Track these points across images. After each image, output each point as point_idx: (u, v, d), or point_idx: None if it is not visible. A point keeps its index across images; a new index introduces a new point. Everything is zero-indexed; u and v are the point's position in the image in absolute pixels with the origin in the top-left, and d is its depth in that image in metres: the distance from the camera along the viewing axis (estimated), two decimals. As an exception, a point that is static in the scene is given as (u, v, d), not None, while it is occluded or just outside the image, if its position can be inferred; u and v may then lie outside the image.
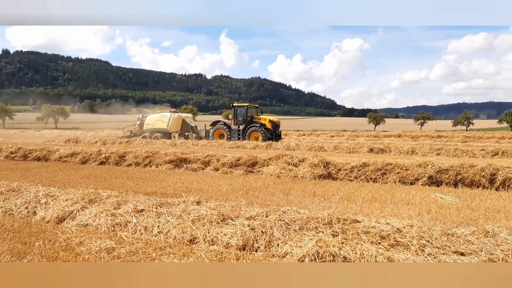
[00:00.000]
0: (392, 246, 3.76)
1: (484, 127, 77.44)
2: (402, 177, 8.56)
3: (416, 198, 6.91)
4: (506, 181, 7.79)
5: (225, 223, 4.44)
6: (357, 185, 8.39)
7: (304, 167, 9.75)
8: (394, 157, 12.70)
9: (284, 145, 19.98)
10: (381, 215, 5.39)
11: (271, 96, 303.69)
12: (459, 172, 8.15)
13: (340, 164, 9.53)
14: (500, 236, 4.03)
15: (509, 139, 30.05)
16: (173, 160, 11.36)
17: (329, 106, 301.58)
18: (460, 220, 5.39)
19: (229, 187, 8.07)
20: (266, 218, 4.45)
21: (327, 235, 3.85)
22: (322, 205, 6.33)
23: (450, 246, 3.77)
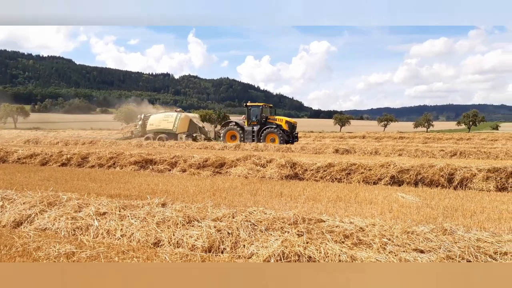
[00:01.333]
0: (355, 245, 3.84)
1: (444, 128, 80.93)
2: (366, 177, 8.78)
3: (378, 198, 7.11)
4: (463, 180, 8.15)
5: (191, 225, 4.39)
6: (323, 185, 8.54)
7: (272, 167, 9.82)
8: (359, 158, 13.03)
9: (252, 146, 20.03)
10: (345, 215, 5.51)
11: (240, 97, 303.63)
12: (419, 172, 8.46)
13: (307, 165, 9.66)
14: (457, 233, 4.22)
15: (467, 140, 31.59)
16: (139, 161, 11.11)
17: (297, 108, 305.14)
18: (420, 218, 5.59)
19: (196, 188, 7.99)
20: (232, 219, 4.44)
21: (292, 235, 3.88)
22: (289, 205, 6.39)
23: (410, 243, 3.90)
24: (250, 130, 23.53)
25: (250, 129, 23.58)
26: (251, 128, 23.59)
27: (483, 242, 4.02)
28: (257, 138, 23.19)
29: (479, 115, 74.86)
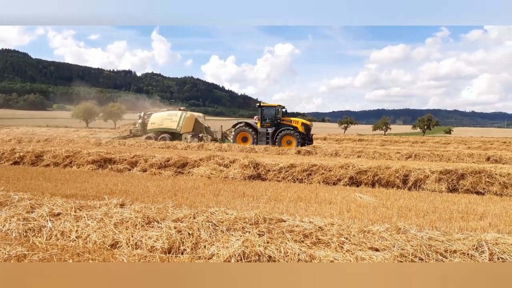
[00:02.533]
0: (314, 244, 3.93)
1: (400, 132, 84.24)
2: (326, 177, 8.99)
3: (338, 198, 7.31)
4: (417, 181, 8.54)
5: (150, 226, 4.31)
6: (285, 185, 8.65)
7: (235, 168, 9.82)
8: (320, 159, 13.31)
9: (216, 146, 19.94)
10: (305, 214, 5.61)
11: (204, 97, 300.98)
12: (376, 173, 8.78)
13: (269, 165, 9.76)
14: (410, 232, 4.41)
15: (422, 143, 33.11)
16: (97, 160, 10.75)
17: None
18: (376, 218, 5.80)
19: (157, 188, 7.85)
20: (193, 219, 4.40)
21: (253, 235, 3.91)
22: (251, 205, 6.43)
23: (366, 242, 4.03)
24: (264, 132, 22.16)
25: (264, 131, 22.20)
26: (265, 130, 22.23)
27: (435, 241, 4.22)
28: (271, 140, 21.87)
29: (434, 119, 78.66)
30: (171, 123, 24.68)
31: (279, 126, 22.30)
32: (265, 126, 22.39)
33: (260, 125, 22.48)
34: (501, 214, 6.24)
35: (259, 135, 22.11)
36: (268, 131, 22.12)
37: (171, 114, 25.32)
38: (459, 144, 31.87)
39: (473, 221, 5.77)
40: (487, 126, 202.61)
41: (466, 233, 4.62)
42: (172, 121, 24.71)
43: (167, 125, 24.71)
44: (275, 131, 22.00)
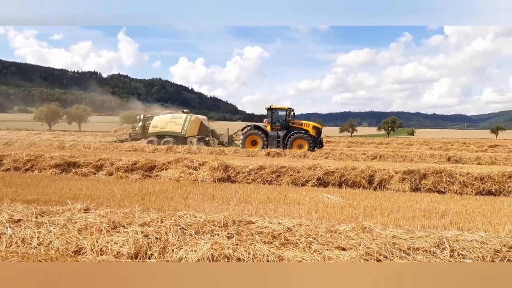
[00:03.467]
0: (283, 245, 3.97)
1: (366, 133, 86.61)
2: (295, 179, 9.10)
3: (306, 199, 7.41)
4: (382, 181, 8.79)
5: (116, 231, 4.20)
6: (254, 187, 8.68)
7: (204, 170, 9.76)
8: (289, 161, 13.44)
9: (185, 149, 19.73)
10: (274, 216, 5.66)
11: (173, 99, 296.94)
12: (343, 174, 8.97)
13: (239, 167, 9.76)
14: (375, 231, 4.53)
15: (386, 145, 34.13)
16: (60, 164, 10.38)
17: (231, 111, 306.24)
18: (343, 217, 5.93)
19: (124, 192, 7.67)
20: (161, 223, 4.33)
21: (222, 238, 3.90)
22: (220, 208, 6.41)
23: (333, 242, 4.11)
24: (275, 135, 21.57)
25: (275, 134, 21.62)
26: (275, 133, 21.68)
27: (398, 239, 4.36)
28: (282, 143, 21.34)
29: (397, 121, 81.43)
30: (175, 126, 23.65)
31: (290, 129, 21.80)
32: (275, 129, 21.88)
33: (270, 128, 21.95)
34: (461, 212, 6.53)
35: (270, 139, 21.53)
36: (279, 134, 21.55)
37: (175, 117, 24.24)
38: (422, 145, 33.12)
39: (435, 219, 6.01)
40: (448, 128, 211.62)
41: (428, 231, 4.80)
42: (176, 124, 23.69)
43: (171, 128, 23.70)
44: (286, 134, 21.49)
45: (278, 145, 21.25)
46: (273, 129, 21.83)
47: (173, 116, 24.36)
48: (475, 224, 5.68)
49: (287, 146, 20.97)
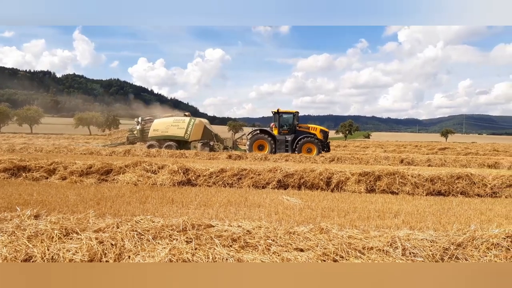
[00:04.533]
0: (242, 248, 3.98)
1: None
2: (255, 181, 9.16)
3: (266, 201, 7.47)
4: (339, 183, 9.04)
5: (68, 238, 4.03)
6: (215, 190, 8.64)
7: (164, 174, 9.59)
8: (250, 163, 13.51)
9: (144, 152, 19.26)
10: (235, 218, 5.67)
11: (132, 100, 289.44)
12: (302, 176, 9.14)
13: (199, 171, 9.68)
14: (332, 232, 4.65)
15: (343, 147, 35.12)
16: (9, 168, 9.80)
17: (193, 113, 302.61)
18: (301, 219, 6.04)
19: (78, 197, 7.38)
20: (117, 229, 4.21)
21: (180, 242, 3.85)
22: (180, 212, 6.33)
23: (291, 243, 4.18)
24: (283, 140, 21.25)
25: (283, 138, 21.31)
26: (283, 137, 21.35)
27: (354, 239, 4.50)
28: (291, 148, 21.06)
29: (354, 125, 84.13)
30: (177, 130, 22.68)
31: (297, 133, 21.56)
32: (282, 133, 21.57)
33: (278, 132, 21.57)
34: (413, 212, 6.85)
35: (278, 143, 21.20)
36: (287, 138, 21.28)
37: (178, 120, 23.22)
38: (377, 148, 34.39)
39: (388, 219, 6.26)
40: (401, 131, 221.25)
41: (381, 231, 5.00)
42: (179, 128, 22.71)
43: (173, 132, 22.69)
44: (294, 139, 21.24)
45: (287, 149, 21.05)
46: (280, 133, 21.55)
47: (176, 119, 23.34)
48: (425, 224, 5.98)
49: (296, 151, 20.80)
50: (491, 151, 32.34)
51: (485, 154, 28.66)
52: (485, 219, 6.36)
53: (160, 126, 22.96)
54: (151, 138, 22.86)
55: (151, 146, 22.05)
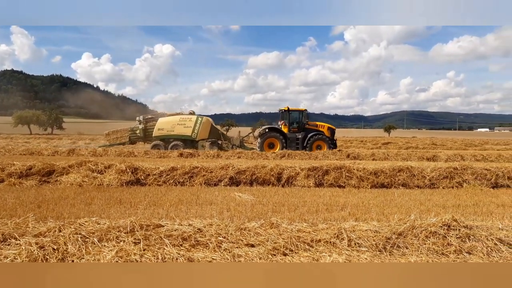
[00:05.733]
0: (193, 246, 3.95)
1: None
2: (207, 179, 9.10)
3: (218, 198, 7.46)
4: (289, 178, 9.23)
5: (6, 243, 3.78)
6: (165, 189, 8.47)
7: (111, 174, 9.25)
8: (202, 161, 13.39)
9: (89, 151, 18.43)
10: (186, 217, 5.60)
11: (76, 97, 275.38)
12: (254, 173, 9.22)
13: (149, 169, 9.45)
14: (282, 226, 4.75)
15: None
16: None
17: (141, 111, 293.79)
18: (253, 215, 6.10)
19: (17, 200, 6.92)
20: (59, 233, 4.01)
21: (128, 244, 3.75)
22: (128, 213, 6.15)
23: (243, 239, 4.22)
24: (294, 137, 21.21)
25: (294, 136, 21.26)
26: (294, 135, 21.31)
27: (303, 232, 4.63)
28: (301, 145, 21.02)
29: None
30: (184, 129, 21.70)
31: (306, 130, 21.62)
32: (292, 131, 21.56)
33: (288, 130, 21.57)
34: (358, 204, 7.16)
35: (289, 141, 21.18)
36: (297, 136, 21.30)
37: (184, 118, 22.17)
38: (326, 144, 35.35)
39: (336, 212, 6.50)
40: (348, 127, 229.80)
41: (329, 223, 5.19)
42: (186, 126, 21.73)
43: (180, 131, 21.70)
44: (304, 136, 21.28)
45: (297, 147, 21.07)
46: (290, 131, 21.60)
47: (182, 118, 22.30)
48: (370, 215, 6.27)
49: (307, 148, 20.84)
50: (430, 145, 34.53)
51: (424, 148, 30.52)
52: (424, 209, 6.79)
53: (166, 125, 21.95)
54: (156, 138, 21.90)
55: (156, 146, 21.25)
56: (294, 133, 21.47)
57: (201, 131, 21.78)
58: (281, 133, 21.30)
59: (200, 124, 21.83)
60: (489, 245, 4.36)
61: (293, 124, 21.80)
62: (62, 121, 65.98)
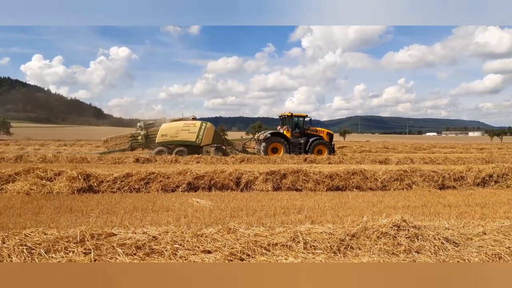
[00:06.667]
0: (148, 255, 3.86)
1: (236, 138, 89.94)
2: (164, 185, 8.93)
3: (175, 205, 7.34)
4: (248, 183, 9.26)
5: None
6: (120, 196, 8.21)
7: (61, 181, 8.83)
8: (159, 166, 13.11)
9: (38, 157, 17.48)
10: (141, 225, 5.46)
11: (25, 101, 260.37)
12: (212, 178, 9.17)
13: (102, 176, 9.11)
14: (239, 231, 4.75)
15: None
16: None
17: (96, 115, 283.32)
18: (211, 221, 6.05)
19: (-46, 212, 6.43)
20: (3, 244, 3.77)
21: (77, 255, 3.59)
22: (79, 221, 5.89)
23: (199, 246, 4.17)
24: (297, 142, 21.96)
25: (297, 141, 21.99)
26: (297, 140, 22.03)
27: (260, 236, 4.65)
28: (304, 150, 21.76)
29: (263, 126, 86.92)
30: (188, 134, 21.45)
31: (308, 136, 22.48)
32: (295, 136, 22.29)
33: (291, 135, 22.25)
34: (314, 207, 7.31)
35: (292, 146, 21.83)
36: (300, 141, 22.06)
37: (188, 124, 21.90)
38: (285, 148, 35.82)
39: (293, 215, 6.60)
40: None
41: (286, 226, 5.25)
42: (190, 132, 21.51)
43: (184, 137, 21.41)
44: (306, 141, 22.11)
45: (300, 151, 21.78)
46: (293, 136, 22.31)
47: (186, 123, 22.04)
48: (325, 217, 6.42)
49: (309, 152, 21.55)
50: (382, 148, 35.99)
51: (377, 151, 31.77)
52: (376, 211, 7.05)
53: (169, 130, 21.61)
54: (159, 144, 21.46)
55: (160, 152, 20.76)
56: (296, 138, 22.27)
57: (205, 136, 21.86)
58: (285, 138, 22.04)
59: (204, 129, 21.90)
60: (436, 244, 4.60)
61: (296, 129, 22.64)
62: (10, 125, 62.24)
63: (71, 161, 16.87)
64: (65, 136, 67.90)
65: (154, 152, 20.88)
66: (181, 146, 21.35)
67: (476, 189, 9.96)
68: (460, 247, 4.58)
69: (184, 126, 21.91)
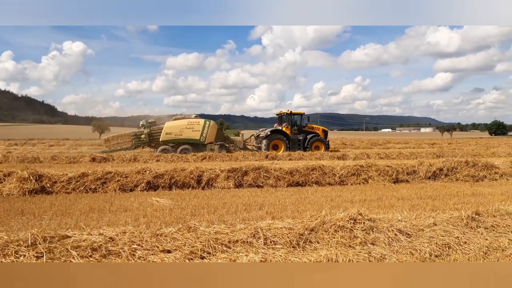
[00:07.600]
0: (104, 257, 3.75)
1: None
2: (122, 184, 8.69)
3: (134, 204, 7.17)
4: (209, 180, 9.22)
5: None
6: (75, 197, 7.91)
7: (11, 182, 8.38)
8: (116, 165, 12.74)
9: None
10: (97, 226, 5.30)
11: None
12: (173, 176, 9.04)
13: (56, 176, 8.73)
14: (200, 229, 4.72)
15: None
16: None
17: (49, 113, 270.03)
18: (171, 220, 5.97)
19: None
20: None
21: (29, 259, 3.43)
22: (31, 224, 5.62)
23: (158, 246, 4.11)
24: (296, 139, 22.87)
25: (296, 137, 22.91)
26: (296, 136, 22.94)
27: (221, 234, 4.65)
28: (303, 146, 22.66)
29: (225, 123, 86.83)
30: (192, 132, 21.53)
31: (305, 133, 23.31)
32: (293, 133, 23.10)
33: (290, 132, 23.03)
34: (275, 203, 7.41)
35: (292, 142, 22.65)
36: (299, 138, 22.90)
37: (192, 122, 21.93)
38: (246, 145, 35.91)
39: (254, 211, 6.65)
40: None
41: (247, 223, 5.28)
42: (194, 130, 21.59)
43: (188, 135, 21.47)
44: (304, 138, 22.93)
45: (299, 148, 22.60)
46: (292, 133, 23.13)
47: (190, 121, 22.07)
48: (286, 213, 6.53)
49: (307, 149, 22.48)
50: (340, 144, 37.02)
51: (335, 147, 32.62)
52: (334, 205, 7.26)
53: (174, 129, 21.57)
54: (164, 142, 21.16)
55: (164, 151, 20.42)
56: (295, 135, 23.19)
57: (209, 134, 22.05)
58: (285, 135, 22.82)
59: (208, 128, 22.05)
60: (390, 236, 4.80)
61: (294, 127, 23.55)
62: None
63: (22, 161, 16.02)
64: (16, 135, 64.27)
65: (159, 150, 20.78)
66: (185, 144, 21.41)
67: (427, 182, 10.49)
68: (412, 238, 4.82)
69: (188, 124, 22.01)
